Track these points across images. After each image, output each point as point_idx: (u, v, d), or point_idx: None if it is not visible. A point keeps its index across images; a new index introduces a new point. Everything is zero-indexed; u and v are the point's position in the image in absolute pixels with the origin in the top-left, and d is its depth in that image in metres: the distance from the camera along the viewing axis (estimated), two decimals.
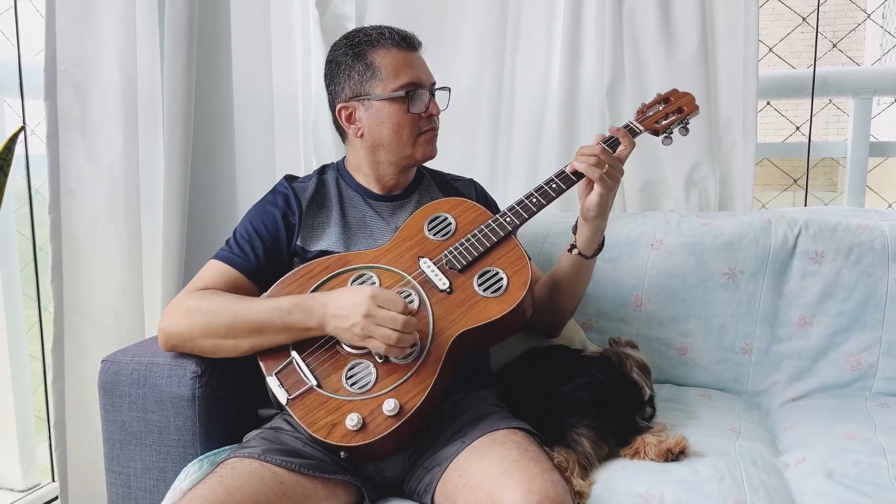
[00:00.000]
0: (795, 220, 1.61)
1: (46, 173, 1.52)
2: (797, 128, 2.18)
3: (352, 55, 1.33)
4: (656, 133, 1.40)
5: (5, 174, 1.13)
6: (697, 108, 1.42)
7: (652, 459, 1.19)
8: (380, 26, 1.35)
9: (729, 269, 1.59)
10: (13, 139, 1.15)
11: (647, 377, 1.38)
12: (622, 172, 1.29)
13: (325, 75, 1.39)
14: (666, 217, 1.70)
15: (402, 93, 1.31)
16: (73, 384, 1.59)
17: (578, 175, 1.30)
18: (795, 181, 2.22)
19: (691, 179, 1.85)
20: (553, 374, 1.35)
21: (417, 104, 1.32)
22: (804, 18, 2.13)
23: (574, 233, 1.36)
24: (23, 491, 1.85)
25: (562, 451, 1.17)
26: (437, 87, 1.37)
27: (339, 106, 1.36)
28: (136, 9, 1.56)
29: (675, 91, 1.45)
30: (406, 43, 1.33)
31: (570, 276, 1.38)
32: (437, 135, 1.38)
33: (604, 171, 1.25)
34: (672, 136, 1.42)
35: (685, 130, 1.43)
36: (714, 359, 1.60)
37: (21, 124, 1.62)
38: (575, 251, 1.35)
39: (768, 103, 2.10)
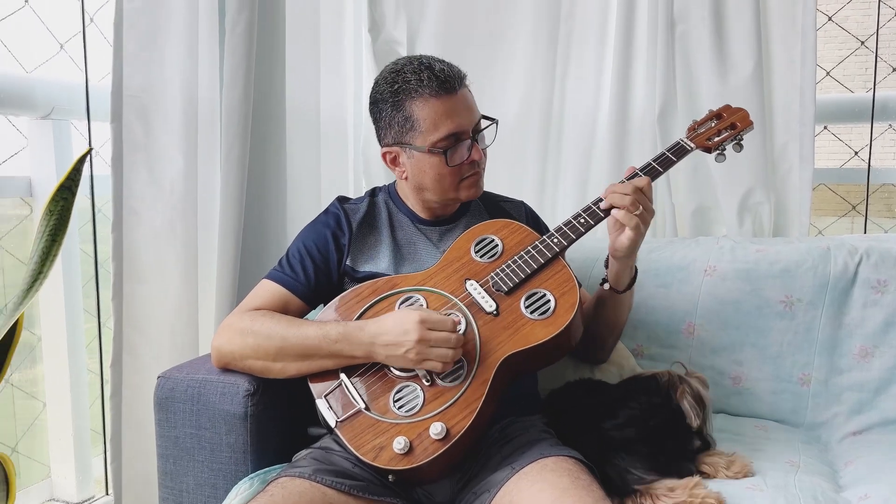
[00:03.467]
0: (856, 247, 1.57)
1: (111, 193, 1.57)
2: (856, 153, 2.13)
3: (391, 104, 1.30)
4: (708, 150, 1.37)
5: (73, 193, 1.17)
6: (752, 123, 1.38)
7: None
8: (420, 67, 1.29)
9: (786, 297, 1.55)
10: (81, 160, 1.19)
11: (702, 409, 1.33)
12: (653, 213, 1.27)
13: (370, 113, 1.38)
14: (719, 243, 1.67)
15: (440, 148, 1.28)
16: (129, 399, 1.62)
17: None
18: (854, 207, 2.16)
19: (745, 205, 1.81)
20: (597, 406, 1.32)
21: (457, 155, 1.29)
22: (863, 42, 2.09)
23: (606, 267, 1.34)
24: (77, 503, 1.89)
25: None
26: (483, 120, 1.34)
27: (383, 150, 1.36)
28: (198, 35, 1.61)
29: (727, 107, 1.41)
30: (446, 88, 1.27)
31: (608, 309, 1.36)
32: (481, 176, 1.36)
33: (637, 212, 1.23)
34: (725, 153, 1.37)
35: (739, 147, 1.38)
36: (770, 389, 1.55)
37: (88, 146, 1.68)
38: (606, 286, 1.33)
39: (825, 128, 2.05)
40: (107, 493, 1.87)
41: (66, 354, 1.84)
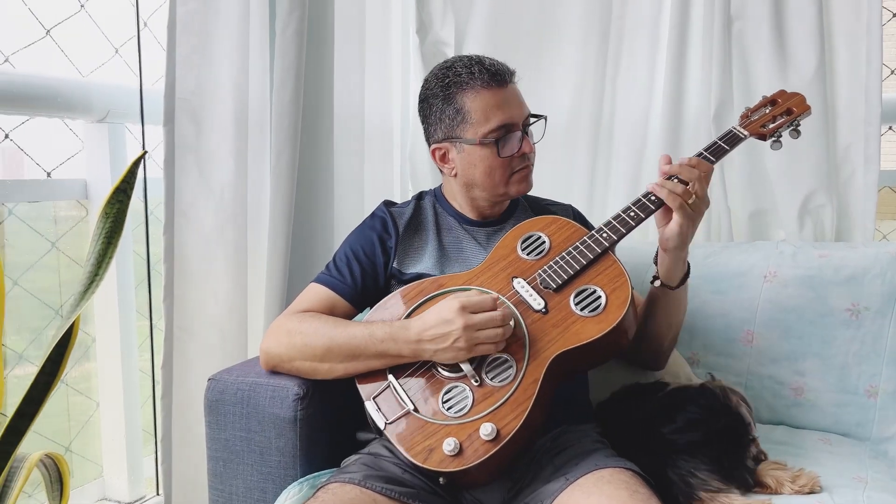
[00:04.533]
0: None
1: (163, 196, 1.59)
2: None
3: (442, 98, 1.31)
4: (763, 137, 1.32)
5: (128, 196, 1.18)
6: (809, 108, 1.34)
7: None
8: (470, 62, 1.31)
9: (852, 304, 1.48)
10: (136, 163, 1.19)
11: (752, 416, 1.30)
12: (708, 203, 1.23)
13: (419, 112, 1.39)
14: (779, 247, 1.61)
15: (492, 138, 1.29)
16: (179, 400, 1.63)
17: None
18: None
19: (806, 208, 1.74)
20: (652, 411, 1.28)
21: (508, 147, 1.30)
22: None
23: (655, 263, 1.30)
24: (128, 503, 1.91)
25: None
26: (532, 117, 1.34)
27: (432, 147, 1.36)
28: (249, 38, 1.62)
29: (782, 92, 1.37)
30: (497, 80, 1.29)
31: (661, 307, 1.31)
32: (531, 170, 1.35)
33: (689, 200, 1.19)
34: (781, 139, 1.32)
35: (796, 133, 1.34)
36: (834, 401, 1.49)
37: (142, 149, 1.70)
38: (658, 283, 1.29)
39: (890, 128, 1.97)
40: (157, 493, 1.88)
41: (118, 354, 1.86)
